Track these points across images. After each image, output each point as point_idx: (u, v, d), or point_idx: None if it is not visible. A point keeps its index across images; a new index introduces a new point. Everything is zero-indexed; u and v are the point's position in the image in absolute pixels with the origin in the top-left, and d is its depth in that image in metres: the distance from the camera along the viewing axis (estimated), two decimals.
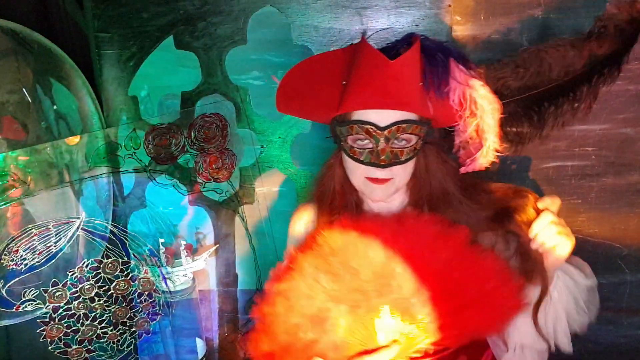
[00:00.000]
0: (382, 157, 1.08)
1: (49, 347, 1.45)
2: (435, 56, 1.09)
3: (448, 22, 1.37)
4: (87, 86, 1.49)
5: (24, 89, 1.42)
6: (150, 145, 1.47)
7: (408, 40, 1.14)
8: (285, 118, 1.49)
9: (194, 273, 1.54)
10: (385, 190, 1.12)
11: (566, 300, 1.10)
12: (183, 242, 1.51)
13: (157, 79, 1.49)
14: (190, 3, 1.43)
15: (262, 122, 1.50)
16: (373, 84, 1.06)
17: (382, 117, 1.07)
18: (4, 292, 1.39)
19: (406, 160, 1.10)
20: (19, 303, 1.40)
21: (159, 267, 1.50)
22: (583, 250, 1.42)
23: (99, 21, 1.46)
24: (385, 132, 1.07)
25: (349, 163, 1.14)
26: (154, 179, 1.49)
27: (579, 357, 1.53)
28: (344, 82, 1.12)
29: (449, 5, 1.36)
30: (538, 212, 1.04)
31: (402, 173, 1.12)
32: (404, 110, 1.07)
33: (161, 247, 1.50)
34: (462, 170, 1.15)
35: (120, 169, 1.48)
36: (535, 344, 1.09)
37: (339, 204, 1.21)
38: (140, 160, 1.48)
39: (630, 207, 1.44)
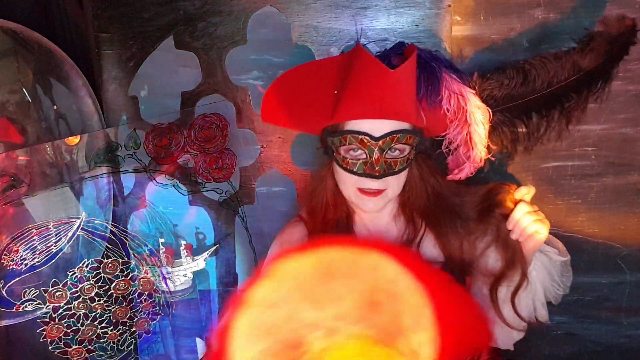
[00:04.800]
0: (377, 168, 1.07)
1: (49, 347, 1.45)
2: (429, 66, 1.09)
3: (448, 22, 1.37)
4: (87, 86, 1.49)
5: (24, 89, 1.42)
6: (150, 145, 1.47)
7: (399, 49, 1.15)
8: None
9: (194, 273, 1.54)
10: (378, 202, 1.12)
11: (543, 276, 1.18)
12: (183, 242, 1.51)
13: (157, 79, 1.49)
14: (190, 3, 1.43)
15: (262, 122, 1.50)
16: (370, 93, 1.04)
17: (377, 127, 1.06)
18: (4, 292, 1.39)
19: (399, 171, 1.10)
20: (19, 303, 1.40)
21: (159, 267, 1.50)
22: (583, 250, 1.44)
23: (99, 21, 1.46)
24: (380, 142, 1.06)
25: (341, 174, 1.13)
26: (154, 179, 1.49)
27: (579, 357, 1.54)
28: (336, 92, 1.10)
29: (449, 5, 1.36)
30: (515, 203, 1.10)
31: (395, 184, 1.12)
32: (401, 120, 1.07)
33: (161, 247, 1.49)
34: (449, 177, 1.19)
35: (120, 169, 1.48)
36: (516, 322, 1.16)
37: (332, 217, 1.20)
38: (140, 160, 1.48)
39: (629, 207, 1.44)
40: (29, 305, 1.41)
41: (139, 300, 1.51)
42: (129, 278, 1.48)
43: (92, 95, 1.49)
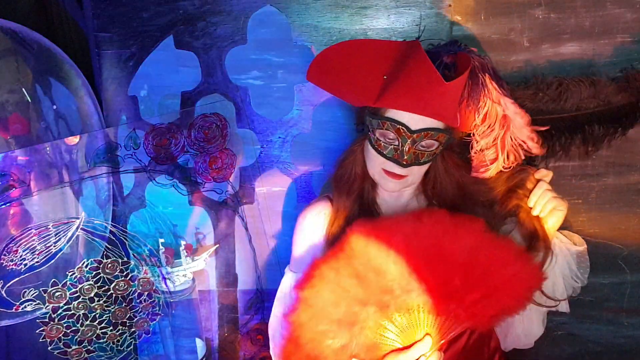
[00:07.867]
0: (405, 158, 1.14)
1: (49, 348, 1.44)
2: (478, 75, 1.14)
3: (448, 22, 1.36)
4: (87, 86, 1.48)
5: (23, 89, 1.42)
6: (150, 145, 1.47)
7: (452, 48, 1.19)
8: (285, 118, 1.49)
9: (194, 273, 1.54)
10: (398, 185, 1.20)
11: (561, 265, 1.23)
12: (183, 242, 1.51)
13: (156, 79, 1.49)
14: (190, 3, 1.43)
15: (262, 122, 1.50)
16: (418, 93, 1.10)
17: (415, 120, 1.12)
18: (3, 292, 1.38)
19: (424, 163, 1.18)
20: (18, 303, 1.40)
21: (158, 267, 1.50)
22: None
23: (99, 21, 1.46)
24: (414, 135, 1.12)
25: (371, 153, 1.20)
26: (154, 179, 1.49)
27: (580, 357, 1.54)
28: (386, 77, 1.15)
29: (449, 5, 1.36)
30: (535, 183, 1.20)
31: (417, 172, 1.20)
32: (441, 120, 1.13)
33: (161, 247, 1.49)
34: (472, 174, 1.25)
35: (120, 169, 1.48)
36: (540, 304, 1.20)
37: (357, 187, 1.27)
38: (140, 160, 1.48)
39: (630, 207, 1.44)
40: (28, 305, 1.40)
41: (138, 301, 1.51)
42: (128, 278, 1.48)
43: (92, 95, 1.49)
